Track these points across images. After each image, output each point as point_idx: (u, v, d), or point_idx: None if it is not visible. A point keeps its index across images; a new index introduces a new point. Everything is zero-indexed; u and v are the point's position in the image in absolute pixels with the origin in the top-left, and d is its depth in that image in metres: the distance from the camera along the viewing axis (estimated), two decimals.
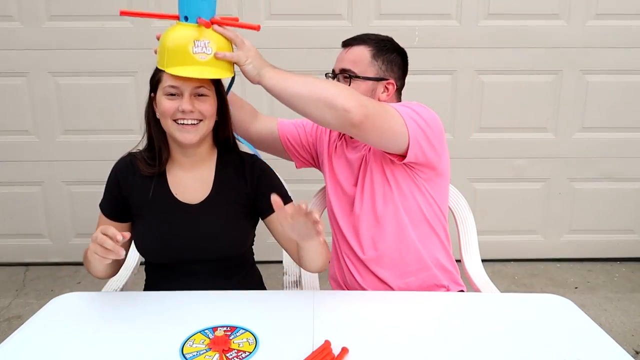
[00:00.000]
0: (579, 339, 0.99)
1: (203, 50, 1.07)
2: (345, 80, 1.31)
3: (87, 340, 0.98)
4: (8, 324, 2.25)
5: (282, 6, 2.52)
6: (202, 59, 1.08)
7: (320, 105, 1.12)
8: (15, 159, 2.68)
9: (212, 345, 0.94)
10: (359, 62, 1.31)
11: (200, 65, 1.08)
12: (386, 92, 1.34)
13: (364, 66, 1.31)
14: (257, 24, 1.14)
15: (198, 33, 1.09)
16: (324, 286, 1.50)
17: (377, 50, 1.32)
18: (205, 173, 1.26)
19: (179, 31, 1.10)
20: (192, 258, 1.23)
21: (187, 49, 1.07)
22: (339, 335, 0.98)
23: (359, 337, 0.98)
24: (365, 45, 1.32)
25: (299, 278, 1.46)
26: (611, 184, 2.77)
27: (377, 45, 1.33)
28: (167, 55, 1.09)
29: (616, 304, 2.43)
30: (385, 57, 1.32)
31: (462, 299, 1.23)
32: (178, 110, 1.13)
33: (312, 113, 1.15)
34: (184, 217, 1.22)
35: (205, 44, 1.08)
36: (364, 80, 1.31)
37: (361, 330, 1.02)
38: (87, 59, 2.54)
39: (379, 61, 1.32)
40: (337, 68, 1.35)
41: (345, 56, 1.34)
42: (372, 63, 1.31)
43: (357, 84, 1.30)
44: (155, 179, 1.24)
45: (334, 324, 1.04)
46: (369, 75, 1.31)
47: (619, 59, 2.59)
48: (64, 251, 2.81)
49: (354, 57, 1.32)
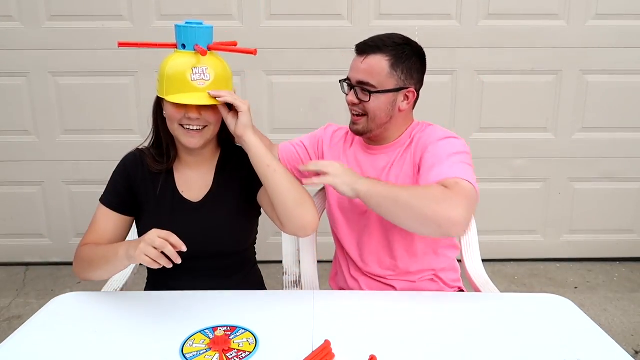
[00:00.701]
0: (579, 339, 0.99)
1: (201, 77, 1.09)
2: (364, 94, 1.23)
3: (87, 340, 0.98)
4: (8, 323, 2.25)
5: (282, 6, 2.52)
6: (200, 85, 1.09)
7: (423, 221, 1.07)
8: (15, 159, 2.68)
9: (212, 345, 0.94)
10: (376, 74, 1.22)
11: (199, 91, 1.10)
12: (406, 101, 1.27)
13: (382, 78, 1.22)
14: (254, 49, 1.14)
15: (196, 60, 1.10)
16: (323, 286, 1.50)
17: (396, 59, 1.23)
18: (208, 171, 1.28)
19: (176, 59, 1.11)
20: (196, 254, 1.22)
21: (185, 77, 1.09)
22: (339, 335, 0.98)
23: (359, 337, 0.98)
24: (383, 55, 1.22)
25: (298, 278, 1.46)
26: (611, 184, 2.78)
27: (395, 53, 1.23)
28: (166, 84, 1.11)
29: (616, 304, 2.43)
30: (404, 66, 1.24)
31: (462, 299, 1.24)
32: (184, 116, 1.14)
33: (405, 226, 1.12)
34: (188, 214, 1.25)
35: (203, 70, 1.09)
36: (384, 93, 1.23)
37: (361, 330, 1.02)
38: (87, 59, 2.54)
39: (398, 71, 1.23)
40: (353, 79, 1.26)
41: (361, 67, 1.24)
42: (391, 74, 1.23)
43: (377, 98, 1.23)
44: (163, 175, 1.26)
45: (334, 324, 1.04)
46: (389, 88, 1.23)
47: (618, 59, 2.59)
48: (64, 251, 2.81)
49: (371, 69, 1.22)
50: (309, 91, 2.60)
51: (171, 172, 1.27)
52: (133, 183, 1.25)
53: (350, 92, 1.27)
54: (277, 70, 2.59)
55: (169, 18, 2.50)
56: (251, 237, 1.36)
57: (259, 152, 1.14)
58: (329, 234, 1.48)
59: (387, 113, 1.25)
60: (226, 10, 2.52)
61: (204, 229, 1.23)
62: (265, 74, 2.60)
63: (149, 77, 2.57)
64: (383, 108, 1.24)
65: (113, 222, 1.24)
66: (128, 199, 1.25)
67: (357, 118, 1.27)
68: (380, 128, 1.27)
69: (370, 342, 0.96)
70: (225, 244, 1.26)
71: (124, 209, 1.25)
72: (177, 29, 1.13)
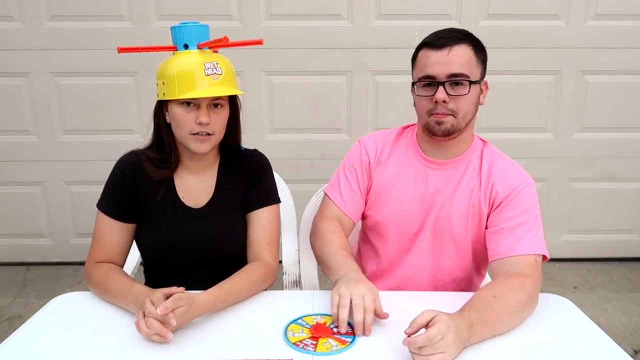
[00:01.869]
0: (578, 338, 0.99)
1: (214, 71, 1.10)
2: (461, 87, 1.14)
3: (87, 340, 0.98)
4: (9, 323, 2.25)
5: (282, 6, 2.53)
6: (215, 79, 1.10)
7: (520, 320, 1.04)
8: (16, 159, 2.69)
9: (314, 332, 0.99)
10: (468, 64, 1.14)
11: (214, 85, 1.10)
12: (482, 94, 1.20)
13: (473, 67, 1.15)
14: (260, 39, 1.14)
15: (203, 57, 1.11)
16: (323, 286, 1.50)
17: (476, 49, 1.16)
18: (209, 177, 1.26)
19: (182, 59, 1.12)
20: (195, 261, 1.23)
21: (199, 73, 1.09)
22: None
23: (359, 337, 0.98)
24: (466, 44, 1.15)
25: (298, 278, 1.46)
26: (611, 184, 2.78)
27: (474, 43, 1.17)
28: (178, 83, 1.10)
29: (615, 304, 2.43)
30: (483, 55, 1.19)
31: (462, 299, 1.23)
32: (196, 122, 1.12)
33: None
34: (190, 222, 1.22)
35: (214, 65, 1.10)
36: (476, 84, 1.15)
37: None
38: (87, 59, 2.55)
39: (479, 60, 1.17)
40: (441, 74, 1.13)
41: (450, 59, 1.13)
42: (477, 63, 1.16)
43: (472, 90, 1.15)
44: (164, 182, 1.23)
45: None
46: (478, 79, 1.16)
47: (618, 59, 2.59)
48: (65, 251, 2.82)
49: (462, 60, 1.13)
50: (309, 91, 2.60)
51: (171, 178, 1.23)
52: (132, 189, 1.21)
53: (438, 89, 1.14)
54: (277, 70, 2.60)
55: (169, 18, 2.50)
56: None
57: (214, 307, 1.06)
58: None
59: (475, 108, 1.19)
60: (226, 10, 2.52)
61: (206, 236, 1.22)
62: (265, 74, 2.60)
63: (149, 77, 2.57)
64: (474, 102, 1.18)
65: (117, 231, 1.21)
66: (128, 206, 1.21)
67: (443, 117, 1.16)
68: (467, 126, 1.20)
69: (371, 342, 0.97)
70: (226, 250, 1.24)
71: (125, 216, 1.21)
72: (177, 30, 1.12)
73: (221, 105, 1.15)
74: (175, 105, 1.12)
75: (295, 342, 0.95)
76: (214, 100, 1.13)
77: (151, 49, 1.16)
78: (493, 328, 0.98)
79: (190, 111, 1.12)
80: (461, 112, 1.16)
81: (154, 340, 0.94)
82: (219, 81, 1.10)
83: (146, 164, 1.21)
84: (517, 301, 1.02)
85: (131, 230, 1.23)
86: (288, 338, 0.97)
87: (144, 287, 1.08)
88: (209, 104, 1.13)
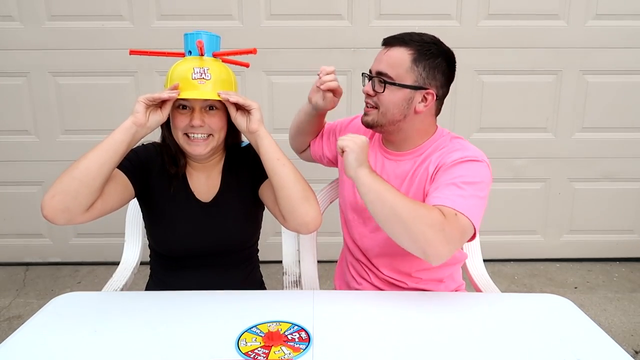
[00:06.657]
0: (579, 339, 0.99)
1: (202, 76, 1.15)
2: (380, 85, 1.20)
3: (87, 340, 0.98)
4: (8, 323, 2.25)
5: (282, 6, 2.53)
6: (200, 83, 1.15)
7: (410, 238, 1.04)
8: (15, 159, 2.68)
9: (266, 341, 0.96)
10: (397, 66, 1.18)
11: (197, 89, 1.15)
12: (424, 103, 1.21)
13: (402, 71, 1.18)
14: (253, 48, 1.18)
15: (198, 62, 1.16)
16: (323, 286, 1.50)
17: (419, 55, 1.18)
18: (216, 174, 1.31)
19: (182, 64, 1.18)
20: (205, 251, 1.29)
21: (187, 76, 1.15)
22: (339, 335, 0.98)
23: (359, 337, 0.98)
24: (407, 48, 1.18)
25: (298, 278, 1.46)
26: (611, 184, 2.78)
27: (420, 49, 1.18)
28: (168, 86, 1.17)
29: (615, 304, 2.43)
30: (427, 63, 1.18)
31: (462, 299, 1.23)
32: (189, 125, 1.17)
33: (392, 234, 1.08)
34: (200, 214, 1.28)
35: (204, 70, 1.15)
36: (400, 87, 1.18)
37: (361, 330, 1.02)
38: (87, 59, 2.55)
39: (419, 67, 1.18)
40: (374, 69, 1.22)
41: (383, 58, 1.21)
42: (412, 69, 1.18)
43: (392, 91, 1.19)
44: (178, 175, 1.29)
45: (334, 324, 1.04)
46: (406, 83, 1.18)
47: (618, 59, 2.59)
48: (64, 251, 2.81)
49: (393, 60, 1.19)
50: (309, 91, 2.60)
51: (184, 173, 1.30)
52: (150, 173, 1.27)
53: (367, 83, 1.23)
54: (277, 70, 2.60)
55: (169, 18, 2.50)
56: (257, 233, 1.40)
57: (271, 145, 1.16)
58: (328, 234, 1.48)
59: (401, 111, 1.20)
60: (226, 10, 2.52)
61: (215, 228, 1.28)
62: (265, 74, 2.60)
63: (149, 77, 2.58)
64: (397, 103, 1.19)
65: (115, 179, 1.18)
66: (139, 176, 1.24)
67: (369, 109, 1.24)
68: (392, 125, 1.23)
69: (371, 342, 0.96)
70: (233, 241, 1.31)
71: (133, 176, 1.22)
72: (186, 37, 1.18)
73: (216, 108, 1.20)
74: (173, 108, 1.18)
75: (246, 351, 0.92)
76: (206, 103, 1.18)
77: (161, 53, 1.21)
78: (387, 192, 1.06)
79: (184, 114, 1.18)
80: (381, 109, 1.22)
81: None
82: (204, 85, 1.15)
83: (165, 156, 1.27)
84: (423, 209, 1.05)
85: (127, 190, 1.21)
86: (240, 348, 0.93)
87: None
88: (203, 107, 1.18)
